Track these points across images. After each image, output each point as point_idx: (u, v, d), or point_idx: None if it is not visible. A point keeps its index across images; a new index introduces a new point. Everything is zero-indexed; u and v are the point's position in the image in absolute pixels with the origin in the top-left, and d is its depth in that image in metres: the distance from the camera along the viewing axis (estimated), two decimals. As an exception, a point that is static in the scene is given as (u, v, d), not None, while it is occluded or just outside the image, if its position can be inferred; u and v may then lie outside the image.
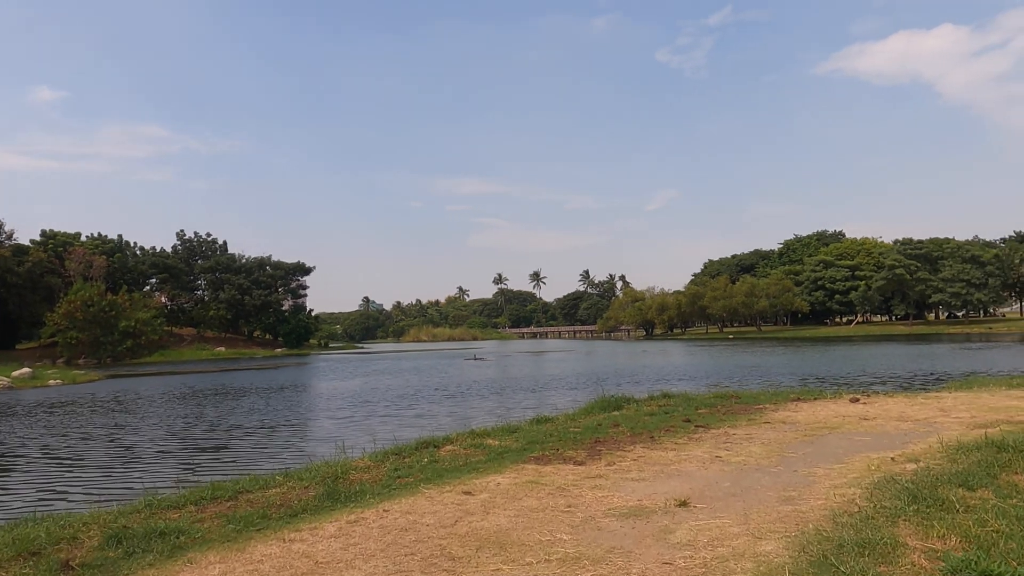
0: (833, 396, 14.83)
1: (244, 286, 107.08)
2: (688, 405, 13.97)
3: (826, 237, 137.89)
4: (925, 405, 12.73)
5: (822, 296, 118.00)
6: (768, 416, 12.21)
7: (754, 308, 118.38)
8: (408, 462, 9.13)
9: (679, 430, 10.85)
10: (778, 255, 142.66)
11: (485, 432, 11.47)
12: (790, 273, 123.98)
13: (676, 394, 16.87)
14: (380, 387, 32.18)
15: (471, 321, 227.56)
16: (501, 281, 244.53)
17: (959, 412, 11.57)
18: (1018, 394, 13.83)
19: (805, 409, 12.97)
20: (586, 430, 11.15)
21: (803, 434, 10.18)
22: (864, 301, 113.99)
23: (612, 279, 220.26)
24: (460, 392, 28.75)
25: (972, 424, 10.30)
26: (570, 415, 13.76)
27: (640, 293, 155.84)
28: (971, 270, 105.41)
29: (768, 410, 13.01)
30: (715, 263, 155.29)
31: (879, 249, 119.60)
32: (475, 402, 24.83)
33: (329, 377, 41.77)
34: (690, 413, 12.78)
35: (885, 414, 11.80)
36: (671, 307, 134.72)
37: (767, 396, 15.42)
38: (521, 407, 21.76)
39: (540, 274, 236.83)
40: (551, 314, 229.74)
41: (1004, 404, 12.30)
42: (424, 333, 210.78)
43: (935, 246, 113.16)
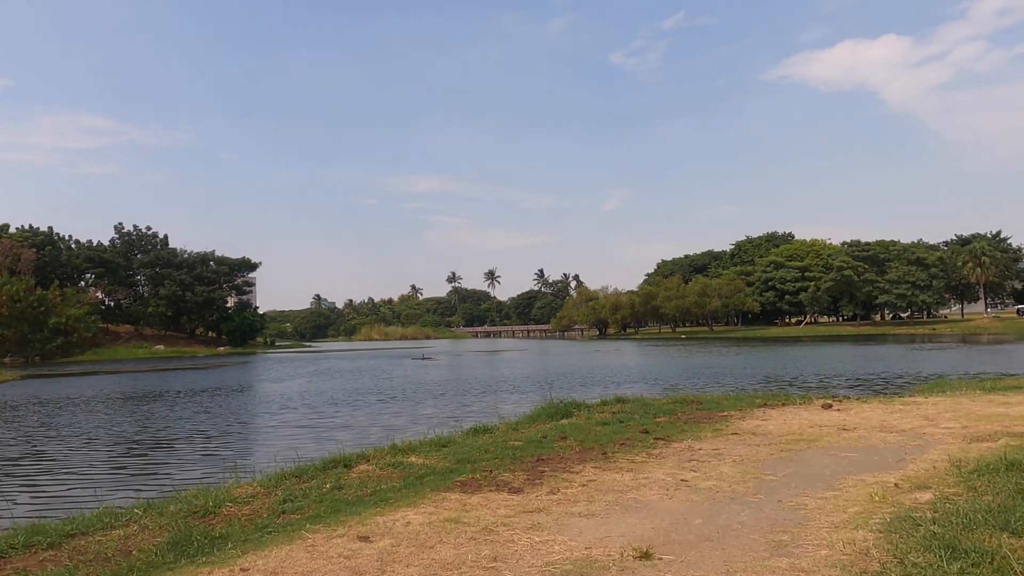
0: (803, 401, 13.53)
1: (186, 282, 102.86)
2: (645, 412, 12.48)
3: (776, 238, 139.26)
4: (905, 412, 11.47)
5: (773, 297, 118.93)
6: (735, 426, 10.78)
7: (706, 308, 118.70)
8: (305, 488, 7.38)
9: (636, 444, 9.32)
10: (730, 256, 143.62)
11: (410, 447, 9.76)
12: (742, 274, 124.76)
13: (631, 399, 15.40)
14: (315, 390, 29.65)
15: (424, 320, 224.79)
16: (455, 280, 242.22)
17: (947, 421, 10.31)
18: (1000, 399, 12.72)
19: (775, 417, 11.60)
20: (529, 443, 9.54)
21: (779, 449, 8.74)
22: (813, 302, 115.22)
23: (566, 278, 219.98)
24: (400, 396, 26.14)
25: (967, 436, 9.01)
26: (513, 424, 12.14)
27: (594, 292, 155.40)
28: (916, 272, 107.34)
29: (734, 418, 11.60)
30: (668, 263, 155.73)
31: (828, 251, 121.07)
32: (413, 407, 22.64)
33: (266, 379, 39.17)
34: (647, 422, 11.28)
35: (865, 423, 10.47)
36: (624, 307, 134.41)
37: (731, 401, 14.06)
38: (463, 413, 19.84)
39: (495, 273, 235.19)
40: (505, 313, 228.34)
41: (991, 411, 11.11)
42: (376, 332, 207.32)
43: (882, 248, 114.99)
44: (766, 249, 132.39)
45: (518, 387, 27.82)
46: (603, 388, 25.83)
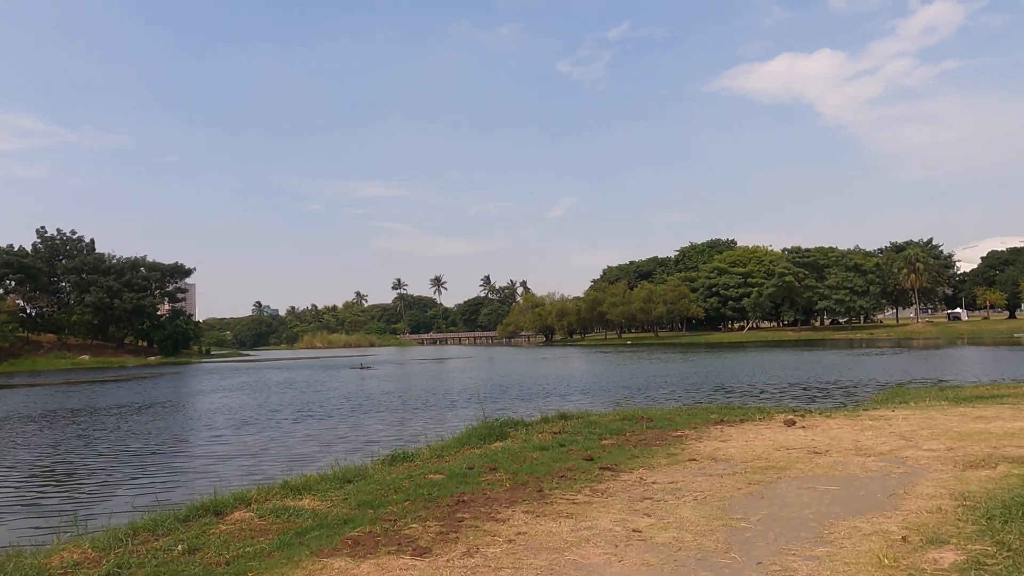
0: (762, 417, 12.29)
1: (114, 288, 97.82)
2: (590, 432, 11.03)
3: (720, 245, 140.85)
4: (877, 430, 10.30)
5: (716, 302, 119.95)
6: (692, 449, 9.42)
7: (652, 314, 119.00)
8: (150, 551, 5.65)
9: (578, 476, 7.84)
10: (674, 262, 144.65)
11: (306, 484, 8.07)
12: (686, 280, 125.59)
13: (575, 415, 13.95)
14: (230, 407, 26.57)
15: (368, 327, 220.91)
16: (400, 286, 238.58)
17: (927, 442, 9.14)
18: (973, 412, 11.71)
19: (735, 437, 10.29)
20: (451, 477, 7.96)
21: (746, 481, 7.38)
22: (756, 307, 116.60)
23: (513, 285, 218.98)
24: (323, 414, 23.59)
25: (957, 461, 7.80)
26: (437, 448, 10.54)
27: (540, 299, 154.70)
28: (854, 278, 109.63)
29: (690, 439, 10.25)
30: (614, 269, 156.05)
31: (770, 257, 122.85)
32: (334, 427, 19.86)
33: (186, 393, 36.12)
34: (592, 445, 9.83)
35: (837, 445, 9.22)
36: (571, 313, 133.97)
37: (684, 416, 12.74)
38: (389, 434, 17.65)
39: (441, 279, 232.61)
40: (452, 320, 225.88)
41: (970, 428, 10.01)
42: (319, 339, 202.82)
43: (821, 255, 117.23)
44: (710, 256, 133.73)
45: (457, 400, 25.94)
46: (547, 401, 24.38)
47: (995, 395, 14.23)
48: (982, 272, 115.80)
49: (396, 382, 37.92)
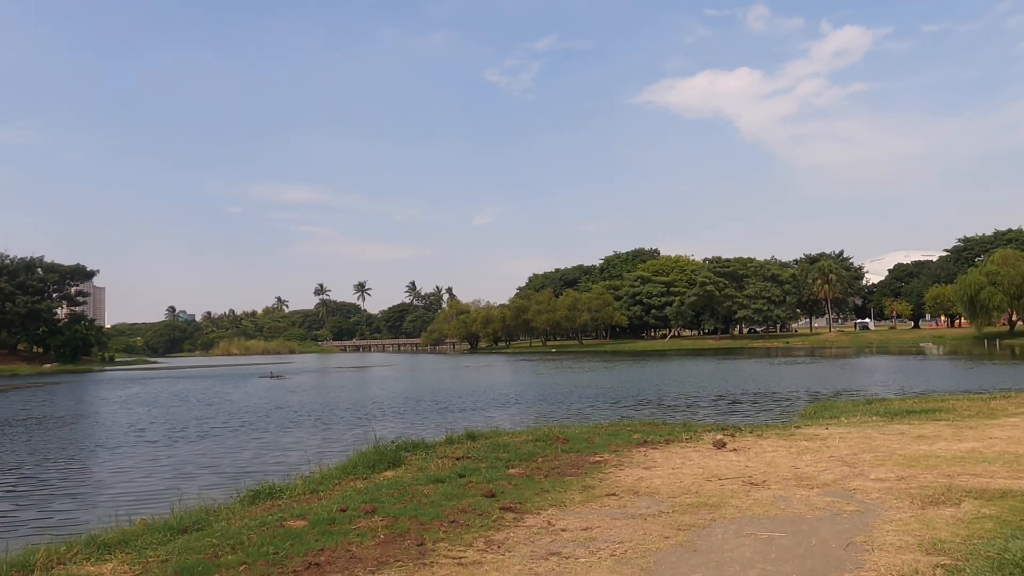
0: (690, 436, 11.13)
1: (6, 291, 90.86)
2: (496, 458, 9.60)
3: (643, 254, 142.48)
4: (815, 453, 9.25)
5: (640, 311, 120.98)
6: (611, 479, 8.11)
7: (577, 322, 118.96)
8: None
9: (473, 521, 6.38)
10: (599, 270, 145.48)
11: (123, 537, 6.32)
12: (610, 288, 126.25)
13: (485, 433, 12.53)
14: (104, 423, 23.59)
15: (288, 333, 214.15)
16: (323, 292, 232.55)
17: (872, 468, 8.10)
18: (911, 431, 10.86)
19: (660, 462, 9.05)
20: (315, 525, 6.37)
21: (674, 526, 6.08)
22: (678, 316, 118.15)
23: (439, 292, 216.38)
24: (205, 432, 20.48)
25: (912, 495, 6.73)
26: (315, 480, 8.90)
27: (465, 306, 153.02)
28: (771, 288, 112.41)
29: (610, 465, 8.95)
30: (540, 277, 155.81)
31: (691, 266, 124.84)
32: (209, 450, 16.92)
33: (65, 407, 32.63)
34: (497, 475, 8.39)
35: (774, 472, 8.08)
36: (496, 320, 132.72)
37: (604, 436, 11.46)
38: (272, 458, 15.22)
39: (365, 285, 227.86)
40: (376, 327, 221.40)
41: (914, 451, 9.07)
42: (235, 346, 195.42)
43: (740, 265, 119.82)
44: (633, 264, 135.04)
45: (366, 414, 23.84)
46: (462, 415, 22.80)
47: (926, 409, 13.58)
48: (889, 284, 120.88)
49: (304, 393, 35.33)
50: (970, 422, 11.45)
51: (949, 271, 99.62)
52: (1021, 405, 13.52)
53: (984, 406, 13.77)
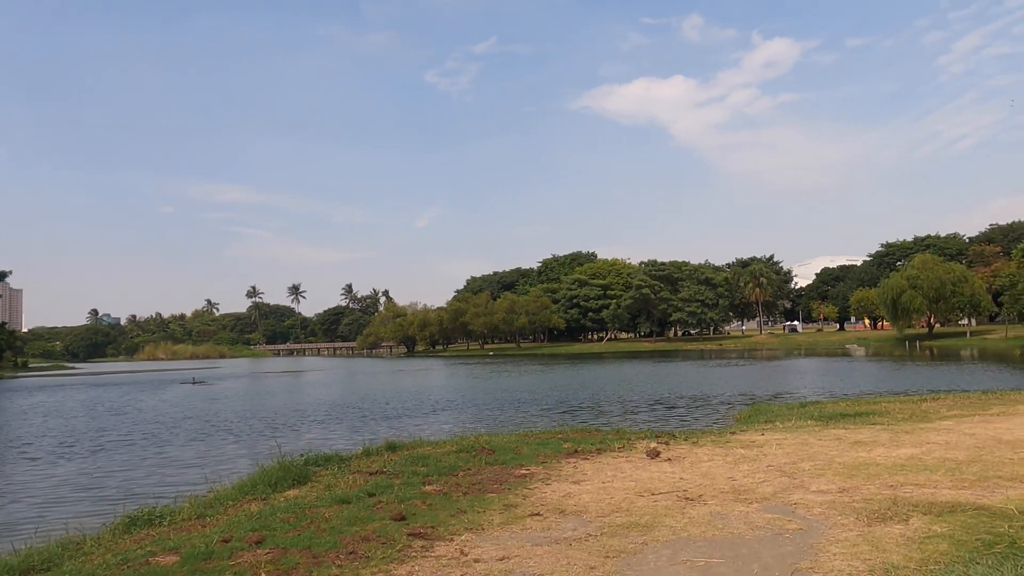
0: (622, 445, 10.53)
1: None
2: (414, 472, 8.78)
3: (581, 257, 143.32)
4: (753, 462, 8.75)
5: (577, 314, 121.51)
6: (537, 495, 7.40)
7: (514, 325, 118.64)
8: None
9: (375, 551, 5.56)
10: (537, 273, 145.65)
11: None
12: (548, 291, 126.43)
13: (406, 444, 11.68)
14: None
15: (219, 337, 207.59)
16: (256, 294, 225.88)
17: (812, 479, 7.62)
18: (848, 436, 10.52)
19: (590, 474, 8.40)
20: (188, 560, 5.44)
21: (602, 551, 5.40)
22: (615, 319, 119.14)
23: (376, 294, 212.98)
24: (99, 446, 18.30)
25: (858, 511, 6.24)
26: (205, 502, 7.91)
27: (402, 309, 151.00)
28: (705, 291, 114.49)
29: (536, 479, 8.25)
30: (478, 279, 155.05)
31: (628, 270, 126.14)
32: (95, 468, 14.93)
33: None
34: (411, 494, 7.58)
35: (711, 486, 7.52)
36: (433, 323, 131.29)
37: (532, 446, 10.76)
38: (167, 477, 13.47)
39: (300, 288, 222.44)
40: (311, 330, 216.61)
41: (853, 459, 8.67)
42: (162, 350, 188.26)
43: (675, 268, 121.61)
44: (571, 267, 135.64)
45: (286, 423, 22.11)
46: (388, 423, 21.78)
47: (860, 412, 13.39)
48: (816, 287, 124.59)
49: (225, 401, 33.28)
50: (905, 426, 11.21)
51: (872, 275, 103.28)
52: (952, 407, 13.47)
53: (916, 408, 13.67)
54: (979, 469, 7.63)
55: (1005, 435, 9.81)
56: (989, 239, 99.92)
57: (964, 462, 8.07)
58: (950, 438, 9.76)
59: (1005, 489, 6.72)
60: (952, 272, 77.96)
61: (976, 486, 6.89)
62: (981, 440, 9.50)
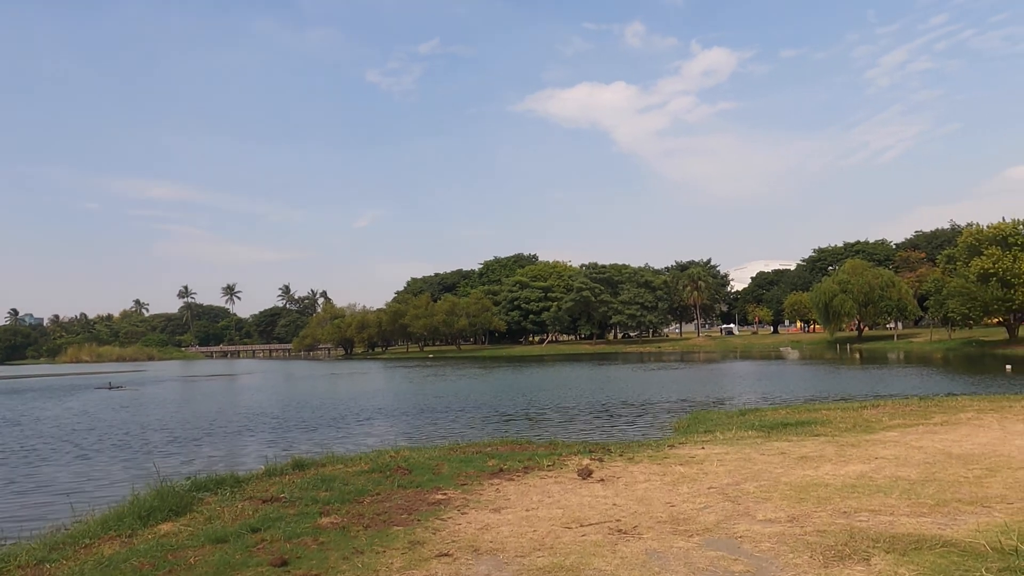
0: (552, 462, 9.61)
1: None
2: (313, 500, 7.68)
3: (522, 259, 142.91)
4: (692, 482, 7.96)
5: (518, 316, 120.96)
6: (449, 528, 6.42)
7: (454, 327, 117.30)
8: None
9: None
10: (479, 275, 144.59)
11: None
12: (489, 293, 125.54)
13: (318, 461, 10.55)
14: None
15: (148, 339, 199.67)
16: (188, 294, 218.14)
17: (758, 504, 6.84)
18: (793, 451, 9.86)
19: (513, 499, 7.46)
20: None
21: (516, 609, 4.46)
22: (555, 321, 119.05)
23: (314, 295, 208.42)
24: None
25: (811, 545, 5.46)
26: (46, 545, 6.63)
27: (340, 310, 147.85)
28: (645, 294, 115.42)
29: (452, 506, 7.26)
30: (418, 281, 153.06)
31: (569, 272, 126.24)
32: None
33: None
34: (302, 528, 6.50)
35: (647, 513, 6.67)
36: (372, 325, 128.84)
37: (455, 463, 9.76)
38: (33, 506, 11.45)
39: (235, 288, 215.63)
40: (246, 331, 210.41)
41: (800, 478, 7.96)
42: (86, 352, 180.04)
43: (615, 271, 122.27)
44: (512, 269, 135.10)
45: (192, 436, 20.36)
46: (309, 434, 20.35)
47: (801, 422, 12.85)
48: (752, 291, 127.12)
49: (135, 409, 30.64)
50: (850, 438, 10.65)
51: (805, 279, 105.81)
52: (893, 416, 13.05)
53: (858, 417, 13.21)
54: (935, 491, 6.99)
55: (954, 448, 9.30)
56: (914, 245, 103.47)
57: (918, 481, 7.44)
58: (898, 452, 9.18)
59: (967, 515, 6.07)
60: (881, 277, 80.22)
61: (936, 512, 6.22)
62: (930, 454, 8.94)
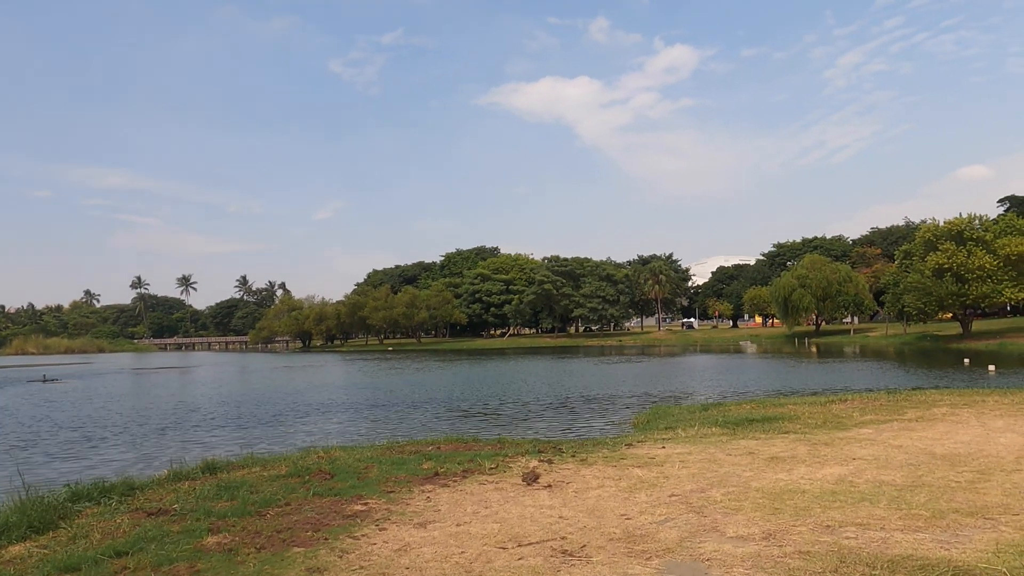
0: (494, 465, 8.54)
1: None
2: (207, 512, 6.49)
3: (484, 252, 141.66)
4: (651, 488, 6.97)
5: (479, 308, 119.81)
6: (362, 549, 5.31)
7: (415, 319, 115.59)
8: None
9: None
10: (440, 268, 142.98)
11: None
12: (450, 285, 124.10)
13: (233, 463, 9.35)
14: None
15: (99, 330, 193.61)
16: (141, 285, 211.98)
17: (727, 516, 5.88)
18: (760, 449, 8.96)
19: (444, 511, 6.38)
20: None
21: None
22: (517, 314, 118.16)
23: (272, 287, 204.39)
24: None
25: (791, 571, 4.50)
26: None
27: (298, 302, 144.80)
28: (606, 288, 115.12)
29: (371, 519, 6.15)
30: (379, 273, 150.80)
31: (531, 265, 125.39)
32: None
33: None
34: (180, 552, 5.32)
35: (598, 529, 5.65)
36: (330, 317, 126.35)
37: (386, 466, 8.63)
38: None
39: (190, 279, 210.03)
40: (202, 323, 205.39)
41: (772, 482, 7.04)
42: (32, 344, 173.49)
43: (577, 264, 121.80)
44: (474, 262, 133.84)
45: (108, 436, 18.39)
46: (244, 432, 18.92)
47: (767, 417, 12.01)
48: (712, 285, 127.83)
49: (61, 405, 27.99)
50: (821, 435, 9.81)
51: (765, 274, 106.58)
52: (864, 411, 12.29)
53: (827, 413, 12.42)
54: (927, 498, 6.11)
55: (936, 447, 8.49)
56: (870, 241, 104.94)
57: (905, 487, 6.56)
58: (877, 452, 8.33)
59: (970, 530, 5.18)
60: (838, 272, 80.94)
61: (934, 526, 5.32)
62: (912, 454, 8.12)
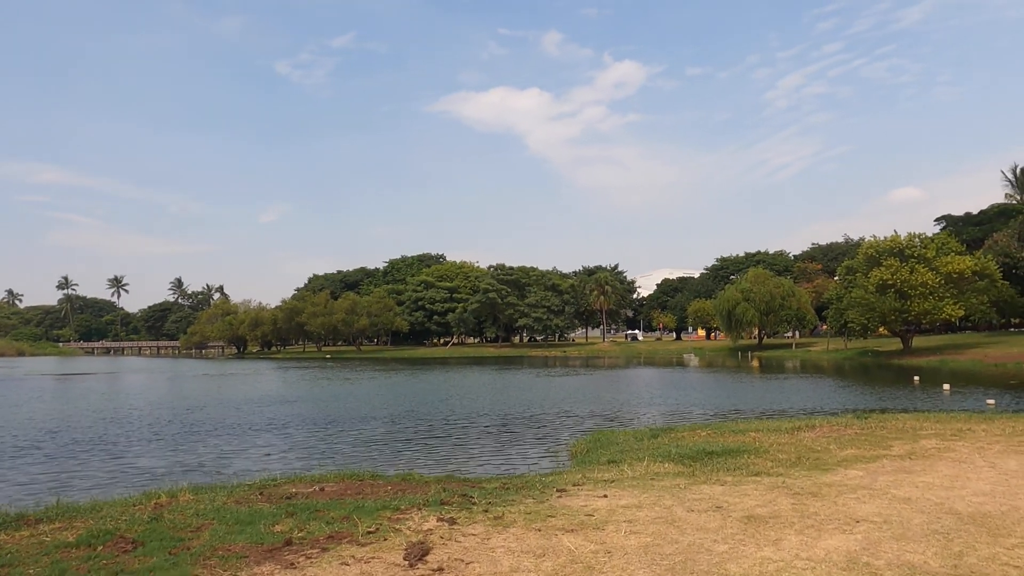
0: (373, 528, 6.25)
1: None
2: None
3: (429, 259, 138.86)
4: (586, 571, 4.85)
5: (422, 316, 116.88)
6: None
7: (355, 326, 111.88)
8: None
9: None
10: (383, 274, 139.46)
11: None
12: (393, 292, 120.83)
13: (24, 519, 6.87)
14: None
15: (19, 332, 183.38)
16: (68, 285, 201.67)
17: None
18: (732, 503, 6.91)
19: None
20: None
21: None
22: (461, 323, 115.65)
23: (209, 290, 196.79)
24: None
25: None
26: None
27: (234, 306, 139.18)
28: (551, 297, 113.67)
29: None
30: (320, 278, 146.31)
31: (476, 273, 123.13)
32: None
33: None
34: None
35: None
36: (267, 322, 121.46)
37: (225, 525, 6.26)
38: None
39: (122, 280, 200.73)
40: (133, 327, 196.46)
41: (756, 563, 4.99)
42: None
43: (523, 273, 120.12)
44: (418, 269, 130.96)
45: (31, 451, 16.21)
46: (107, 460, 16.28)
47: (728, 449, 10.05)
48: (656, 297, 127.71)
49: None
50: (802, 480, 7.86)
51: (708, 287, 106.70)
52: (842, 443, 10.44)
53: (797, 443, 10.54)
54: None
55: (956, 503, 6.61)
56: (811, 257, 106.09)
57: (942, 574, 4.59)
58: (882, 509, 6.40)
59: None
60: (782, 287, 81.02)
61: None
62: (931, 514, 6.20)
